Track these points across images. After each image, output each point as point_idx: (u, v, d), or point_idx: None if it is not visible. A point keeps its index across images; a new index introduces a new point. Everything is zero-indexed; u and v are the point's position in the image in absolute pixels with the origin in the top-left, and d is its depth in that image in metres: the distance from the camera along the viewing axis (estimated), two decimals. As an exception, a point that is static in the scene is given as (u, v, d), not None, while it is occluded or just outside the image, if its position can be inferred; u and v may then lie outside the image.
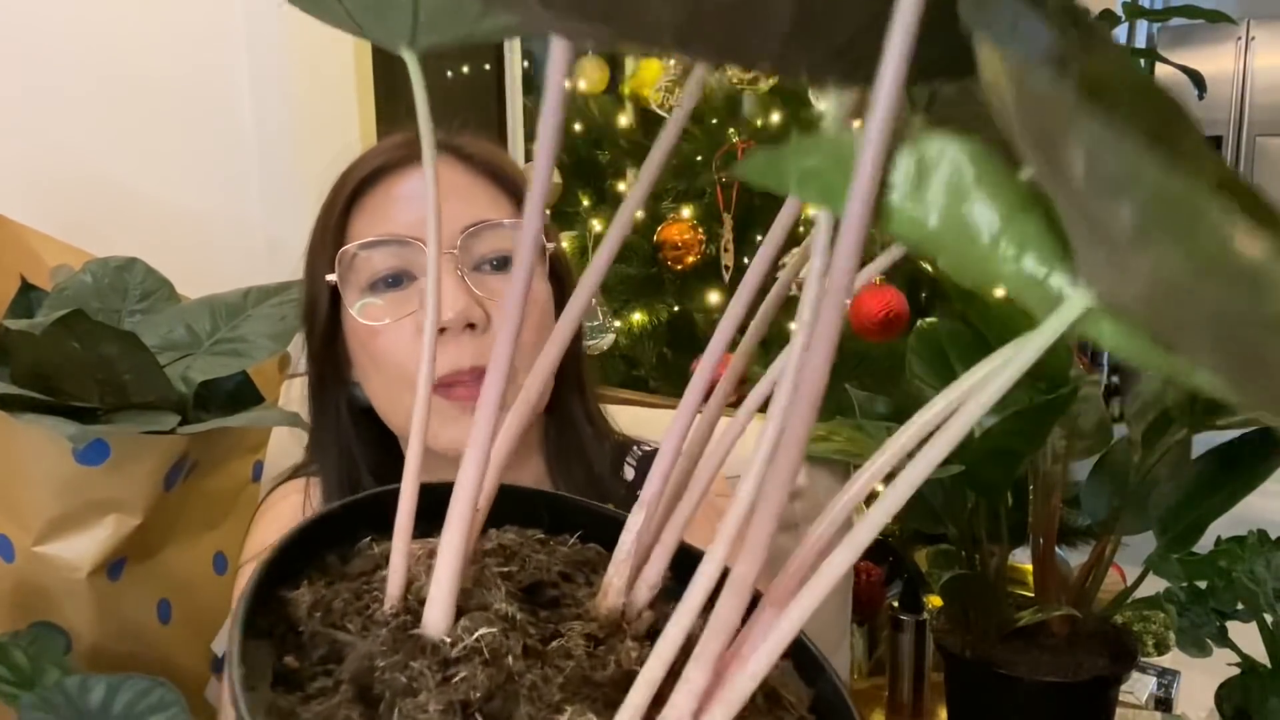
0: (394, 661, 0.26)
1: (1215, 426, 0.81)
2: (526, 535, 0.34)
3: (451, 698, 0.25)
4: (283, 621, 0.28)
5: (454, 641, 0.27)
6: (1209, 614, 0.76)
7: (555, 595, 0.32)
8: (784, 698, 0.30)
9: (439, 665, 0.26)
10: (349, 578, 0.30)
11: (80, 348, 0.66)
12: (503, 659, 0.27)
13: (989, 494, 0.84)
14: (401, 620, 0.28)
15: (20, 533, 0.74)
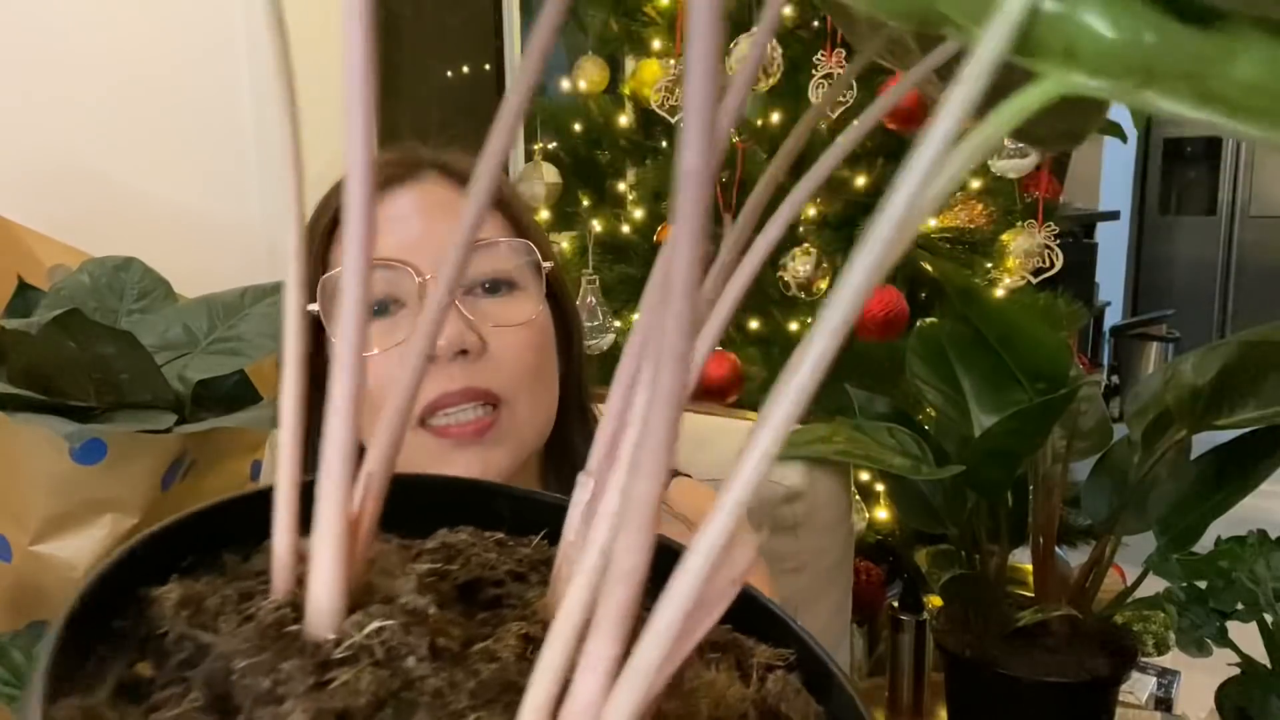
0: (257, 663, 0.22)
1: (1215, 426, 0.81)
2: (483, 536, 0.30)
3: (324, 705, 0.21)
4: (144, 623, 0.24)
5: (339, 639, 0.23)
6: (1209, 614, 0.75)
7: (497, 595, 0.28)
8: (786, 716, 0.26)
9: (315, 668, 0.22)
10: (242, 576, 0.26)
11: (77, 347, 0.66)
12: (400, 661, 0.23)
13: (989, 494, 0.84)
14: (280, 615, 0.23)
15: (18, 532, 0.74)
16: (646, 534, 0.19)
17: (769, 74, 1.76)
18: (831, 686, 0.27)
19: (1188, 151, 5.20)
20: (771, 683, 0.27)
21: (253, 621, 0.23)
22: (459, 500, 0.31)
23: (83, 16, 1.35)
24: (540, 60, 0.24)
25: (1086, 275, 4.01)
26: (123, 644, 0.23)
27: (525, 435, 0.74)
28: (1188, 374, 0.81)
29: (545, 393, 0.76)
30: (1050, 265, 1.71)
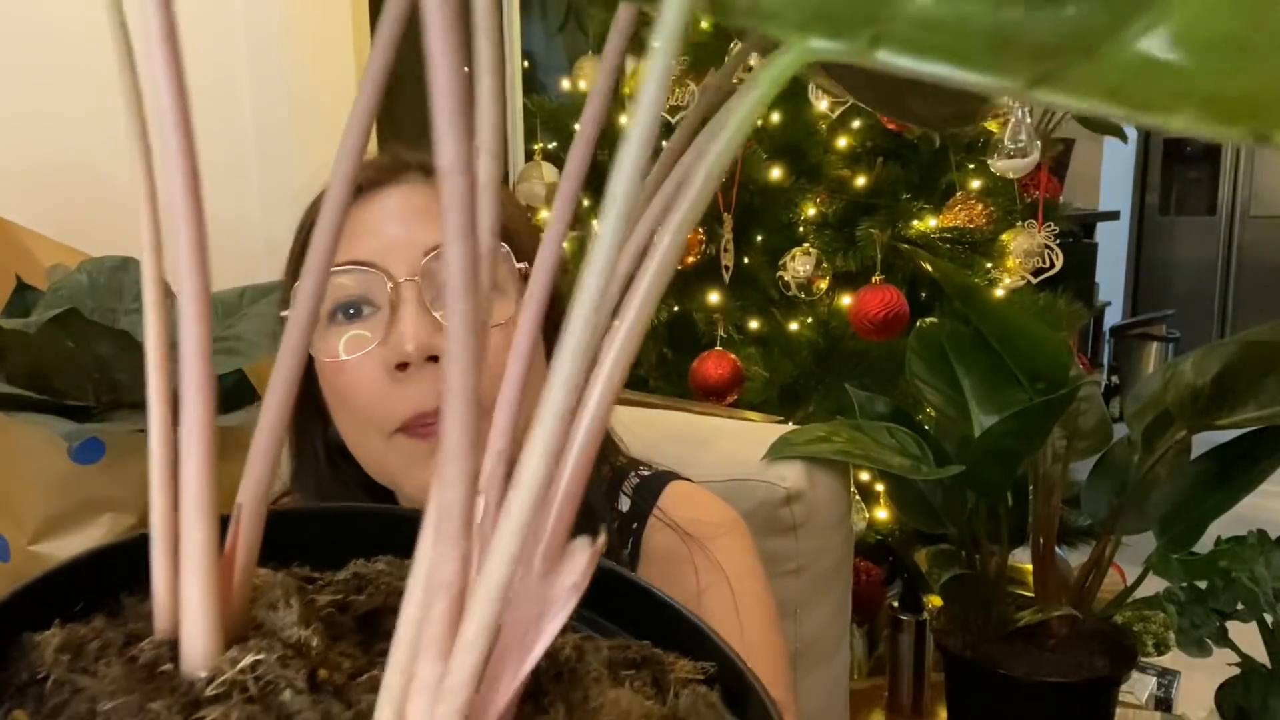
0: (124, 704, 0.21)
1: (1215, 426, 0.81)
2: (403, 564, 0.29)
3: None
4: (26, 668, 0.23)
5: (211, 676, 0.22)
6: (1209, 614, 0.75)
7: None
8: None
9: (184, 706, 0.21)
10: (135, 618, 0.25)
11: (75, 346, 0.66)
12: (275, 695, 0.22)
13: (989, 494, 0.84)
14: (157, 654, 0.23)
15: (16, 531, 0.74)
16: (459, 545, 0.18)
17: (769, 74, 1.76)
18: (748, 700, 0.26)
19: (1188, 151, 5.19)
20: (685, 698, 0.26)
21: (128, 664, 0.22)
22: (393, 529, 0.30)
23: (82, 15, 1.35)
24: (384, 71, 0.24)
25: (1086, 275, 4.00)
26: (2, 690, 0.23)
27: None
28: (1188, 374, 0.81)
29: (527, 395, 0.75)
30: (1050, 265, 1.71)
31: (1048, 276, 1.73)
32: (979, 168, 1.84)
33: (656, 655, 0.28)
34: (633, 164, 0.17)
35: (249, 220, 1.52)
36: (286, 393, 0.24)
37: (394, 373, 0.68)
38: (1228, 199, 5.06)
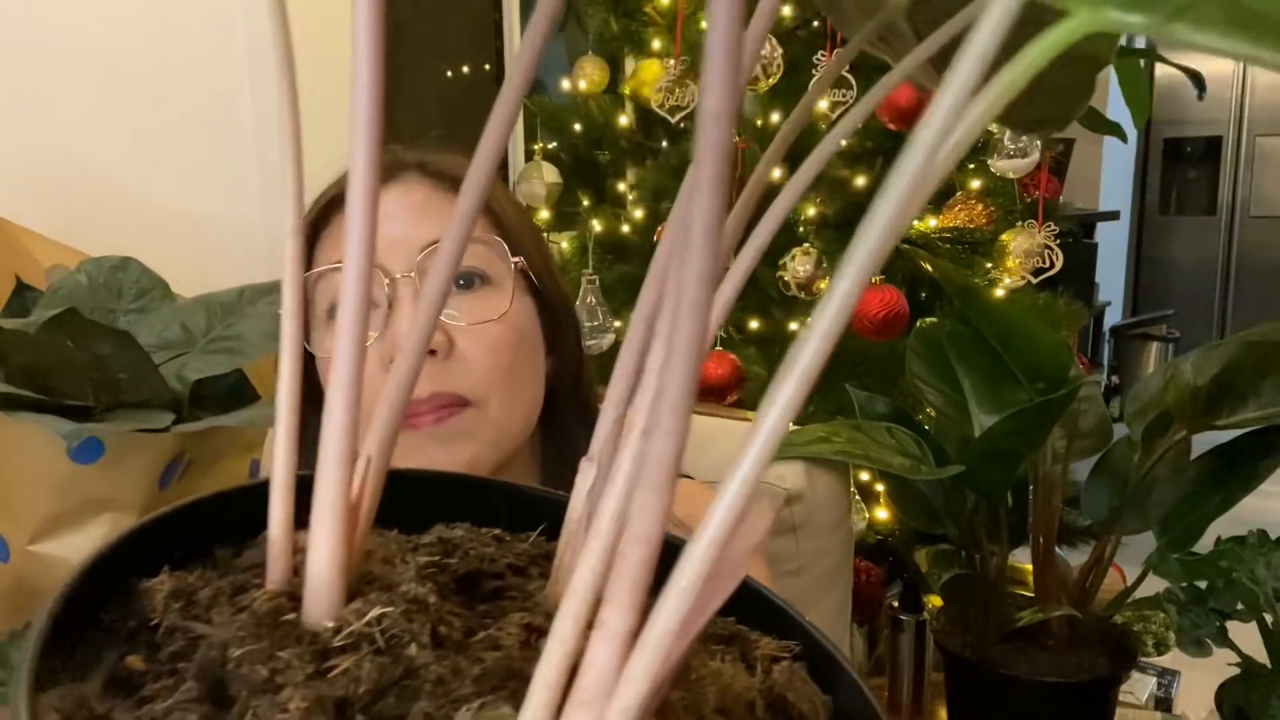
0: (254, 651, 0.21)
1: (1215, 426, 0.81)
2: (480, 531, 0.29)
3: (324, 693, 0.20)
4: (133, 615, 0.23)
5: (338, 627, 0.22)
6: (1209, 614, 0.75)
7: (497, 588, 0.27)
8: (795, 705, 0.25)
9: (314, 656, 0.21)
10: (235, 569, 0.25)
11: (74, 347, 0.66)
12: (402, 648, 0.22)
13: (989, 494, 0.84)
14: (277, 604, 0.23)
15: (15, 531, 0.74)
16: (664, 495, 0.18)
17: (769, 74, 1.76)
18: (838, 676, 0.27)
19: (1188, 151, 5.19)
20: (778, 673, 0.26)
21: (247, 612, 0.22)
22: (455, 495, 0.31)
23: (81, 15, 1.35)
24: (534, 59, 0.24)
25: (1086, 275, 4.00)
26: (111, 636, 0.23)
27: (498, 436, 0.73)
28: (1188, 374, 0.81)
29: (521, 391, 0.75)
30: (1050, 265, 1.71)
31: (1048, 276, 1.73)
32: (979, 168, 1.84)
33: (743, 632, 0.28)
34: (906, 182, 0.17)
35: (249, 220, 1.52)
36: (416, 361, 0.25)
37: (389, 367, 0.67)
38: (1228, 199, 5.06)
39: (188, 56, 1.46)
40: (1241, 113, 4.94)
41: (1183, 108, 4.89)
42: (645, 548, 0.18)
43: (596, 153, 2.15)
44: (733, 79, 0.17)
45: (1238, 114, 4.94)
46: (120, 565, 0.24)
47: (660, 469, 0.18)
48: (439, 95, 2.26)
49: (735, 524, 0.18)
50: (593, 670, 0.18)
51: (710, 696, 0.24)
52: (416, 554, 0.27)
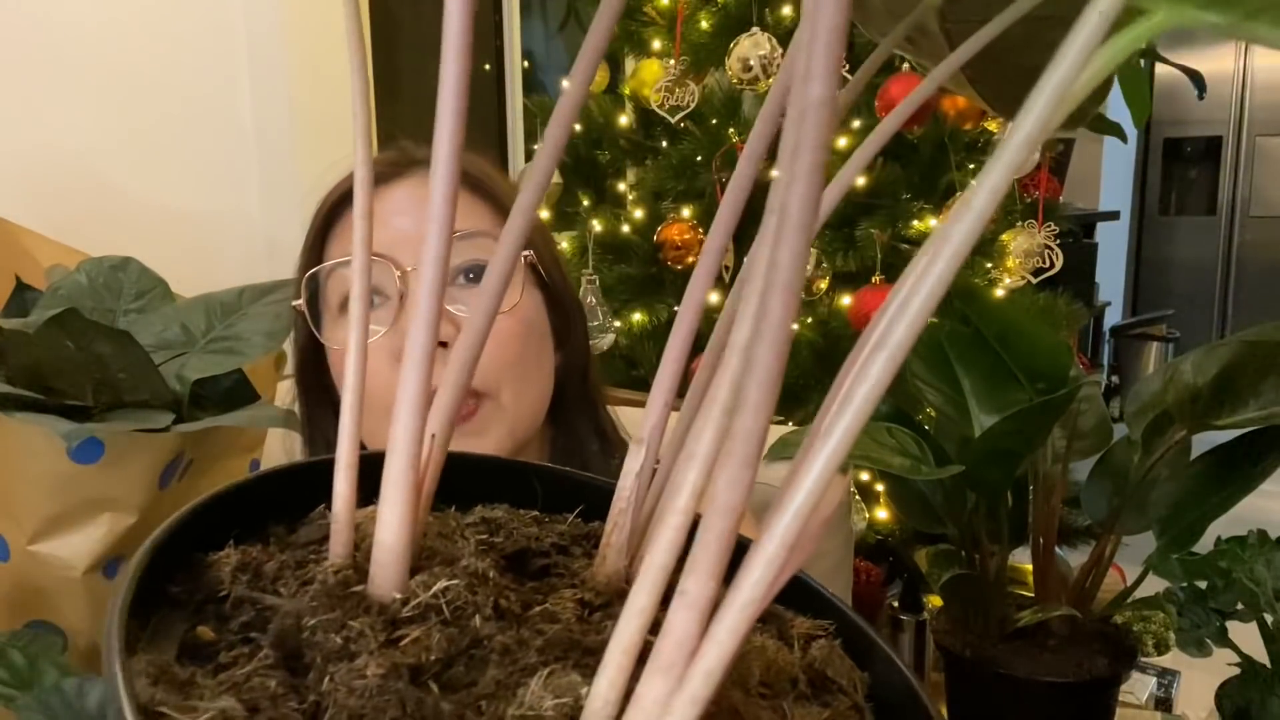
0: (328, 620, 0.22)
1: (1215, 426, 0.81)
2: (519, 512, 0.30)
3: (398, 661, 0.21)
4: (201, 588, 0.24)
5: (406, 598, 0.23)
6: (1209, 614, 0.75)
7: (544, 565, 0.28)
8: (834, 680, 0.26)
9: (384, 625, 0.22)
10: (293, 546, 0.26)
11: (74, 346, 0.66)
12: (467, 619, 0.23)
13: (989, 494, 0.84)
14: (344, 576, 0.23)
15: (15, 531, 0.74)
16: (750, 469, 0.19)
17: (769, 74, 1.76)
18: (874, 653, 0.27)
19: (1188, 151, 5.19)
20: (816, 649, 0.27)
21: (314, 585, 0.23)
22: (495, 478, 0.31)
23: (81, 15, 1.35)
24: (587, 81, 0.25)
25: (1086, 275, 4.01)
26: (180, 608, 0.24)
27: (512, 424, 0.74)
28: (1188, 374, 0.81)
29: (533, 382, 0.76)
30: (1050, 265, 1.71)
31: (1048, 276, 1.73)
32: (979, 168, 1.83)
33: (778, 610, 0.29)
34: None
35: (249, 220, 1.52)
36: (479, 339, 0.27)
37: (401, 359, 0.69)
38: (1228, 199, 5.06)
39: (188, 56, 1.46)
40: (1241, 113, 4.93)
41: (1183, 108, 4.89)
42: (730, 519, 0.19)
43: (596, 153, 2.15)
44: (838, 66, 0.17)
45: (1238, 114, 4.94)
46: (182, 541, 0.25)
47: (749, 443, 0.19)
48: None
49: (819, 495, 0.19)
50: (673, 636, 0.19)
51: (755, 670, 0.25)
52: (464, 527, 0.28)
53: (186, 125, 1.45)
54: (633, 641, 0.20)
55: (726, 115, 1.97)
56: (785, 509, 0.19)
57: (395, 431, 0.24)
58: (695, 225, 1.93)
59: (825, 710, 0.25)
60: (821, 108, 0.17)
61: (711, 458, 0.21)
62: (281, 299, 0.84)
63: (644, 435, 0.27)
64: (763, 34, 1.76)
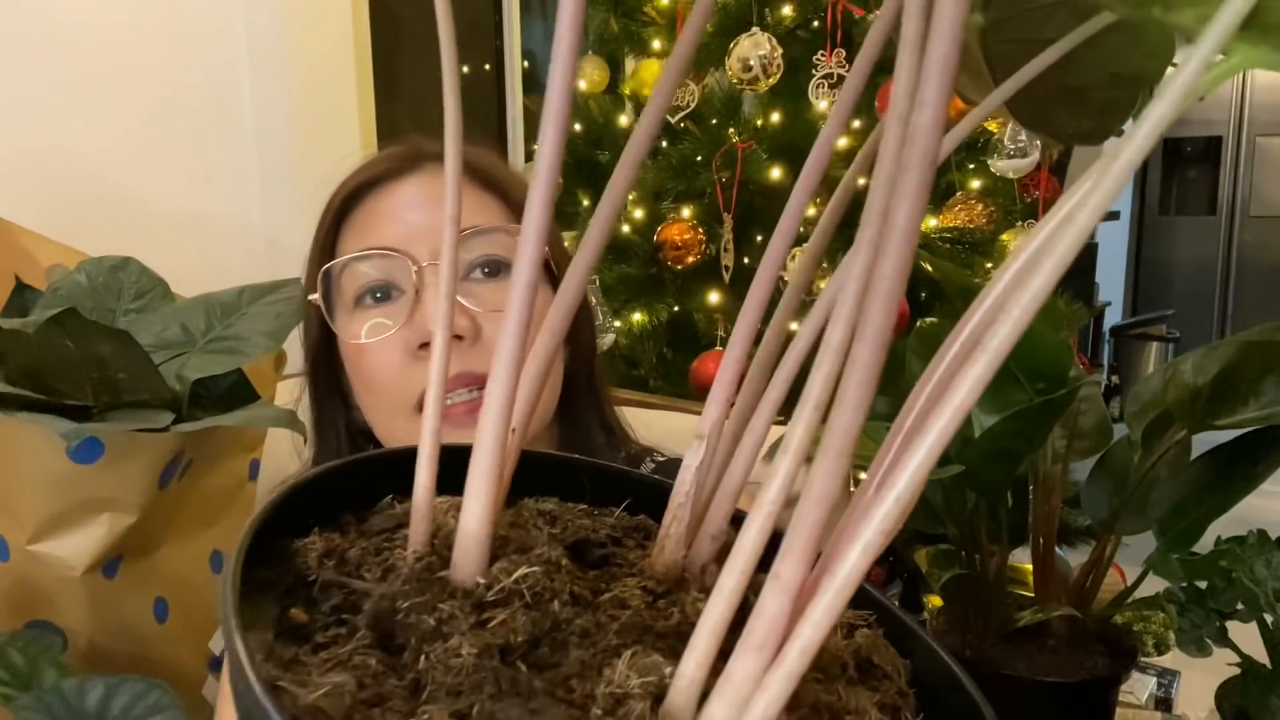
0: (419, 603, 0.23)
1: (1215, 426, 0.81)
2: (568, 506, 0.31)
3: (488, 641, 0.22)
4: (289, 573, 0.25)
5: (489, 584, 0.24)
6: (1209, 614, 0.75)
7: (604, 555, 0.29)
8: (879, 667, 0.28)
9: (472, 608, 0.23)
10: (367, 534, 0.27)
11: (74, 346, 0.66)
12: (547, 603, 0.24)
13: (989, 494, 0.84)
14: (428, 563, 0.25)
15: (15, 531, 0.74)
16: (845, 462, 0.20)
17: (769, 74, 1.76)
18: (915, 641, 0.29)
19: (1188, 151, 5.19)
20: (860, 637, 0.28)
21: (398, 570, 0.25)
22: (544, 472, 0.32)
23: (81, 15, 1.35)
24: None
25: (1086, 275, 4.00)
26: (270, 590, 0.25)
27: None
28: (1188, 374, 0.81)
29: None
30: (1050, 265, 1.71)
31: (1048, 276, 1.73)
32: (979, 168, 1.83)
33: None
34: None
35: (249, 220, 1.52)
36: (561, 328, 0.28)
37: (416, 352, 0.72)
38: (1228, 199, 5.06)
39: (188, 56, 1.46)
40: (1241, 113, 4.93)
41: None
42: (823, 509, 0.20)
43: (596, 153, 2.15)
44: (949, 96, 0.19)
45: (1238, 114, 4.94)
46: (269, 528, 0.26)
47: (845, 438, 0.20)
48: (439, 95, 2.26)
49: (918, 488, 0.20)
50: (765, 617, 0.20)
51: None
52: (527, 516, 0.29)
53: (186, 125, 1.45)
54: (720, 622, 0.21)
55: (726, 115, 1.97)
56: (885, 498, 0.20)
57: (483, 424, 0.25)
58: (695, 225, 1.93)
59: (874, 695, 0.26)
60: (931, 132, 0.19)
61: (804, 452, 0.22)
62: (282, 299, 0.84)
63: (703, 431, 0.28)
64: (763, 34, 1.76)
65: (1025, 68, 0.24)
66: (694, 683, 0.21)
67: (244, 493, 0.93)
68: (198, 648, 0.87)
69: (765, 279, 0.29)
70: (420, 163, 0.78)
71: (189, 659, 0.86)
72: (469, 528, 0.24)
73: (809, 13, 1.86)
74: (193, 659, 0.87)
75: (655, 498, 0.30)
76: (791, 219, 0.29)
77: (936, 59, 0.18)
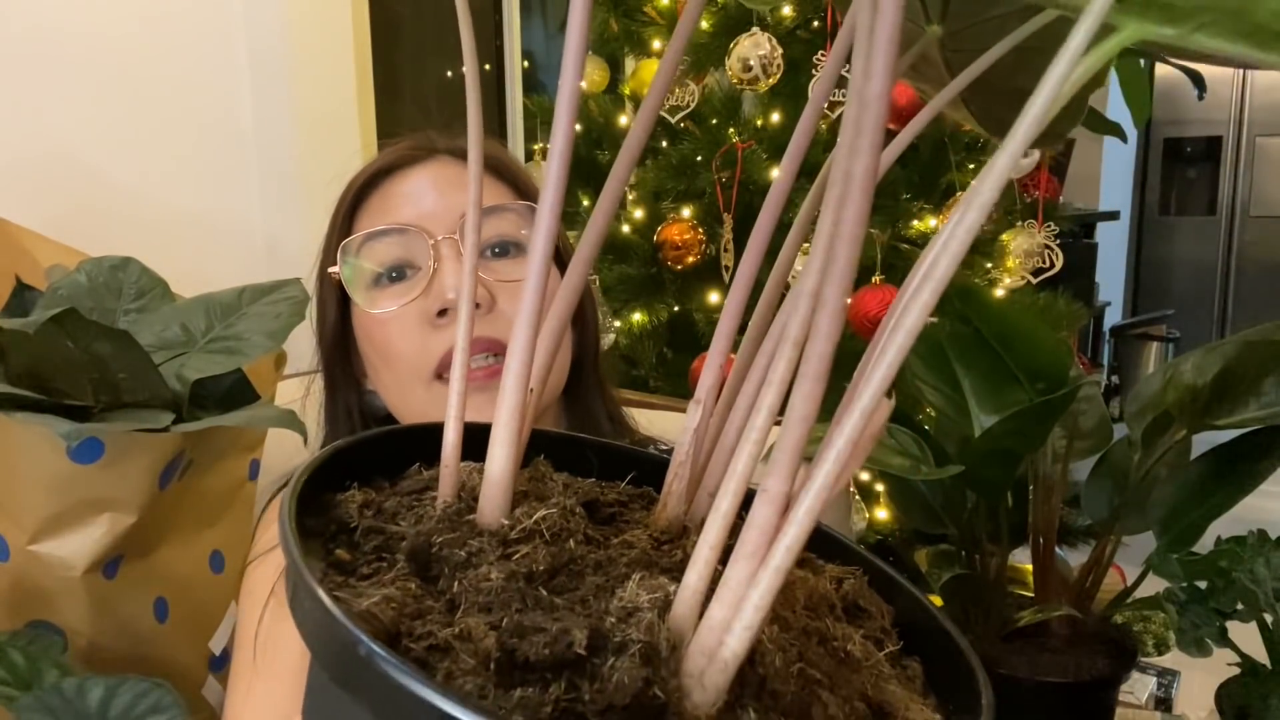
0: (453, 539, 0.26)
1: (1215, 426, 0.81)
2: (578, 479, 0.34)
3: (513, 569, 0.25)
4: (332, 521, 0.28)
5: (512, 525, 0.27)
6: (1209, 614, 0.75)
7: (612, 513, 0.32)
8: (865, 609, 0.31)
9: (498, 544, 0.26)
10: (399, 493, 0.30)
11: (74, 346, 0.66)
12: (564, 542, 0.27)
13: (989, 494, 0.84)
14: (458, 508, 0.28)
15: (15, 531, 0.74)
16: (821, 385, 0.22)
17: (769, 74, 1.76)
18: (898, 591, 0.32)
19: (1188, 151, 5.19)
20: (848, 585, 0.32)
21: (430, 516, 0.28)
22: (555, 450, 0.35)
23: (81, 15, 1.35)
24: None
25: (1086, 275, 4.00)
26: (315, 537, 0.28)
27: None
28: (1188, 374, 0.81)
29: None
30: (1050, 265, 1.71)
31: (1048, 276, 1.73)
32: (979, 168, 1.83)
33: (811, 558, 0.33)
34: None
35: (249, 220, 1.52)
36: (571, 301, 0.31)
37: (434, 320, 0.77)
38: (1228, 199, 5.06)
39: (188, 56, 1.46)
40: (1241, 113, 4.94)
41: (1183, 108, 4.89)
42: (804, 428, 0.22)
43: (596, 153, 2.15)
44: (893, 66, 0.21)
45: (1238, 114, 4.94)
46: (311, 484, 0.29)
47: (820, 363, 0.22)
48: (439, 95, 2.26)
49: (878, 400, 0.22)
50: (755, 526, 0.23)
51: (800, 596, 0.29)
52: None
53: (186, 125, 1.45)
54: (719, 536, 0.24)
55: (726, 115, 1.97)
56: (852, 410, 0.22)
57: (506, 381, 0.28)
58: (695, 225, 1.93)
59: (860, 630, 0.30)
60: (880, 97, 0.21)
61: (786, 383, 0.24)
62: (282, 299, 0.84)
63: (700, 396, 0.30)
64: (763, 34, 1.76)
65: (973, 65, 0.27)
66: (696, 593, 0.24)
67: (244, 493, 0.93)
68: (198, 648, 0.87)
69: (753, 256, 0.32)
70: (431, 155, 0.82)
71: (189, 659, 0.86)
72: (494, 475, 0.28)
73: (809, 13, 1.86)
74: (193, 659, 0.87)
75: (657, 473, 0.33)
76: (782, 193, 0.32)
77: (882, 39, 0.21)
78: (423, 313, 0.77)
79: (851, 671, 0.28)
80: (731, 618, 0.22)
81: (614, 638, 0.23)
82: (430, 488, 0.30)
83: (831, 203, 0.24)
